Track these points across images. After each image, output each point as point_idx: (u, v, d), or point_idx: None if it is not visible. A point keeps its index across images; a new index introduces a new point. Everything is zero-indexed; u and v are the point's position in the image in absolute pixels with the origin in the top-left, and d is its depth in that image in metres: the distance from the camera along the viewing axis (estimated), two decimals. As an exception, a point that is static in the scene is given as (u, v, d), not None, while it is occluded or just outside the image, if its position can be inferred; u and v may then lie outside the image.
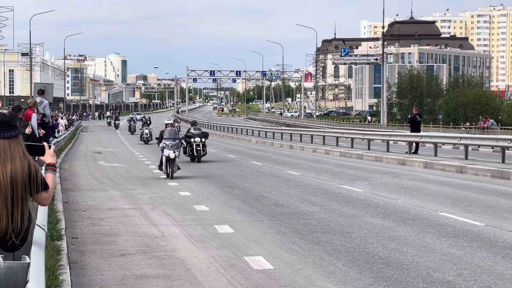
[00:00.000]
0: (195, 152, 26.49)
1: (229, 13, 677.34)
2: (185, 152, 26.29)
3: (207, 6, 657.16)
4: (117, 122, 76.77)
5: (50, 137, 22.49)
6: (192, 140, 26.66)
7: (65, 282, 6.78)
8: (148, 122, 46.49)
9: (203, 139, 26.75)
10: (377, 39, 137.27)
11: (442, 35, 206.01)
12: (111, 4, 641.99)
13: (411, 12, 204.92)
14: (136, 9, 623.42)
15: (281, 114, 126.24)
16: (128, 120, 66.23)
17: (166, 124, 21.44)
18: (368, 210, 12.87)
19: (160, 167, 20.40)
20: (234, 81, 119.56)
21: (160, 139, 20.57)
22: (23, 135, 4.78)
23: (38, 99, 19.39)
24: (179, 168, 20.29)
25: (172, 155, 19.68)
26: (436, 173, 21.26)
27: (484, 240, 9.72)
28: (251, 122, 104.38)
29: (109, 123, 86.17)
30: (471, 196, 14.97)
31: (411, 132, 31.43)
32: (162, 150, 20.03)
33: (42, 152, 4.81)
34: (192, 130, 27.28)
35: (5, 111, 5.32)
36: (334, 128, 59.86)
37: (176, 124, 43.86)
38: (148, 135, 44.10)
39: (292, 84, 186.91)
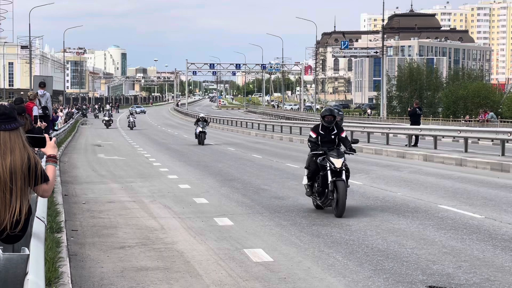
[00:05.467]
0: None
1: (228, 6, 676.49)
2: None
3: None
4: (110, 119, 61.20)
5: (50, 130, 22.44)
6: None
7: (65, 274, 6.78)
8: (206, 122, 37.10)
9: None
10: (377, 32, 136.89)
11: (442, 28, 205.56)
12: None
13: (411, 5, 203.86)
14: (135, 2, 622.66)
15: (274, 106, 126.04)
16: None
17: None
18: (367, 203, 12.88)
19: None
20: (234, 74, 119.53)
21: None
22: (35, 130, 4.78)
23: (40, 92, 19.21)
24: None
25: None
26: (436, 166, 21.27)
27: (484, 232, 9.73)
28: (250, 115, 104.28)
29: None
30: (470, 188, 14.98)
31: (411, 125, 31.43)
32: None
33: (43, 144, 4.81)
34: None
35: (5, 103, 5.33)
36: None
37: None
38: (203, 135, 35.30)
39: (291, 77, 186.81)
